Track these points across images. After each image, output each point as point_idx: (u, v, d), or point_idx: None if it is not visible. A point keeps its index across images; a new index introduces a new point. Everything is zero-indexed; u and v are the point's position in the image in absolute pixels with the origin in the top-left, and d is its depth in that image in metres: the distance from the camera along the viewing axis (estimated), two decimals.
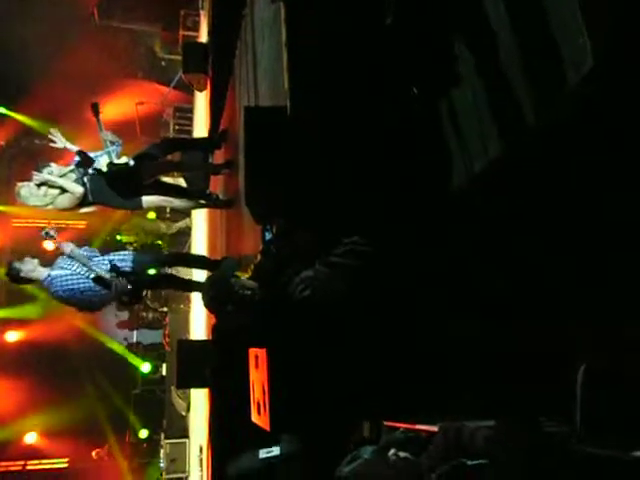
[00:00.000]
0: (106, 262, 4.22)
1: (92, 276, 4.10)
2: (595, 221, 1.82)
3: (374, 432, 2.54)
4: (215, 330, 4.46)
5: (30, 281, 4.24)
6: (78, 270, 4.12)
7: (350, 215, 2.52)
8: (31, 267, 4.13)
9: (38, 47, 11.71)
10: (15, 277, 4.16)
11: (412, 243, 2.44)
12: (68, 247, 4.17)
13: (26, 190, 4.38)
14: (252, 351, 3.00)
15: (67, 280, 4.10)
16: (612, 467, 1.22)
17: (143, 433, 12.22)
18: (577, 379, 1.49)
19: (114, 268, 4.15)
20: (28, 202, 4.41)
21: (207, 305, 2.91)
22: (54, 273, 4.11)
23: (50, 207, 4.44)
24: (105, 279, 4.08)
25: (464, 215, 2.32)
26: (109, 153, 4.37)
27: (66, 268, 4.14)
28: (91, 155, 4.48)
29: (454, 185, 2.31)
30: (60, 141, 4.47)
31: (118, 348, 13.13)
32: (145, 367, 12.61)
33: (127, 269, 4.22)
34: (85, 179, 4.37)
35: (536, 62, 1.77)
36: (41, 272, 4.13)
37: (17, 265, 4.13)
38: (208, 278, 3.33)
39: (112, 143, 4.43)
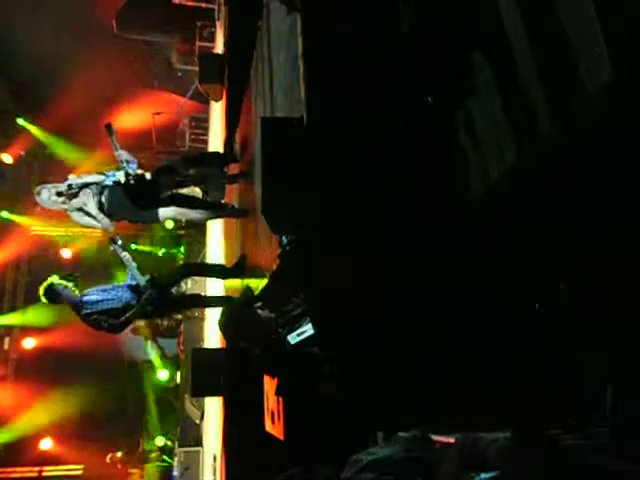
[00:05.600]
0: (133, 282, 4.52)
1: (132, 283, 4.44)
2: (615, 226, 1.81)
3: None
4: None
5: (61, 302, 4.46)
6: (110, 297, 4.38)
7: (366, 224, 2.53)
8: (71, 294, 4.38)
9: (56, 58, 11.91)
10: (51, 298, 4.36)
11: (427, 253, 2.44)
12: (126, 256, 4.52)
13: (46, 193, 4.49)
14: None
15: (98, 304, 4.34)
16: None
17: (159, 441, 12.24)
18: (607, 396, 1.48)
19: (152, 280, 4.47)
20: (44, 204, 4.54)
21: (223, 335, 3.00)
22: (86, 298, 4.36)
23: (65, 211, 4.54)
24: (140, 288, 4.41)
25: (480, 224, 2.31)
26: (125, 169, 4.45)
27: (97, 295, 4.39)
28: (109, 174, 4.60)
29: (471, 194, 2.31)
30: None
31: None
32: (163, 374, 12.69)
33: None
34: (102, 196, 4.46)
35: (553, 71, 1.77)
36: (75, 296, 4.39)
37: (59, 289, 4.33)
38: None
39: (127, 162, 4.50)
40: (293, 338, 2.74)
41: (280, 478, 1.80)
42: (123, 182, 4.46)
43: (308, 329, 2.72)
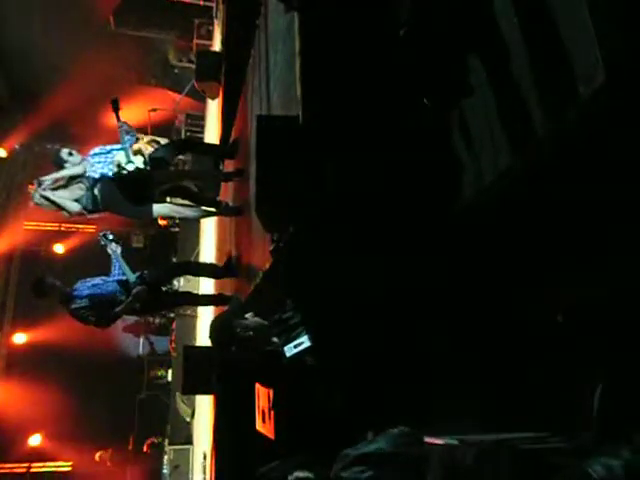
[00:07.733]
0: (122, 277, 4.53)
1: (121, 278, 4.46)
2: (605, 231, 1.82)
3: None
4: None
5: (50, 296, 4.47)
6: (99, 291, 4.39)
7: (361, 224, 2.53)
8: (61, 289, 4.40)
9: (52, 53, 11.85)
10: (40, 291, 4.35)
11: (419, 255, 2.44)
12: (117, 249, 4.55)
13: (37, 194, 4.51)
14: None
15: (87, 298, 4.34)
16: None
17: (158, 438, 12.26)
18: (595, 398, 1.49)
19: (141, 277, 4.48)
20: (37, 203, 4.55)
21: (214, 345, 2.99)
22: (76, 292, 4.37)
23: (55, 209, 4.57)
24: (130, 283, 4.43)
25: (473, 226, 2.32)
26: (125, 149, 4.44)
27: (87, 289, 4.40)
28: (107, 148, 4.61)
29: (464, 196, 2.32)
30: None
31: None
32: (160, 372, 12.76)
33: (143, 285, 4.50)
34: (95, 190, 4.46)
35: (548, 75, 1.78)
36: (65, 290, 4.40)
37: (49, 283, 4.36)
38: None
39: (127, 133, 4.53)
40: (289, 350, 2.65)
41: (263, 470, 1.81)
42: (113, 174, 4.45)
43: (305, 341, 2.64)
